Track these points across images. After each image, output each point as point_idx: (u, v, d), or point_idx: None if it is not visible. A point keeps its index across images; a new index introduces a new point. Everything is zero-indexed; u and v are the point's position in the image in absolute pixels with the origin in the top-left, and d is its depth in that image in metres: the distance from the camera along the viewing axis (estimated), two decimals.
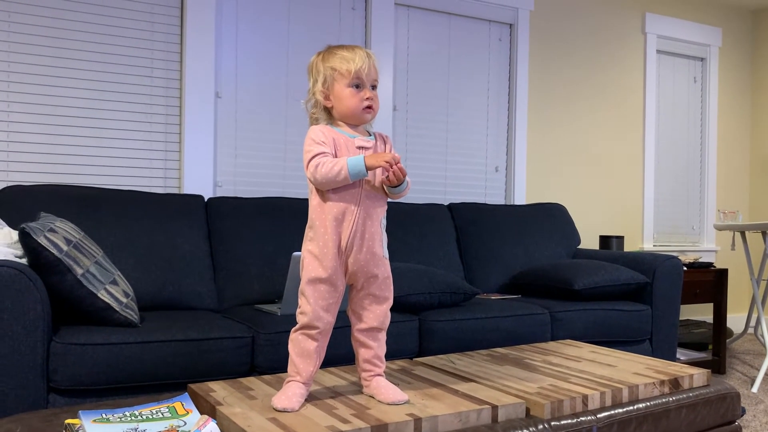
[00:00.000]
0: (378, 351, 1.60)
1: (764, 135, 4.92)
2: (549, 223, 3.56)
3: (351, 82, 1.55)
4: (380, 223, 1.58)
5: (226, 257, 2.72)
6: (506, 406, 1.52)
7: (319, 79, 1.58)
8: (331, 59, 1.57)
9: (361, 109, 1.56)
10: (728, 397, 1.86)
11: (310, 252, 1.54)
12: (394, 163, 1.47)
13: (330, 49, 1.60)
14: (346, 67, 1.54)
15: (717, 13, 4.80)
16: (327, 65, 1.57)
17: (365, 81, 1.56)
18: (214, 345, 2.08)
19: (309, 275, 1.53)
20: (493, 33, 3.90)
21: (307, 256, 1.54)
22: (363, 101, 1.55)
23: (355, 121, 1.59)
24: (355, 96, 1.55)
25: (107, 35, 2.91)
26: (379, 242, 1.56)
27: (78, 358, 1.89)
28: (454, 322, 2.52)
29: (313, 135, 1.55)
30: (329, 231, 1.52)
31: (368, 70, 1.56)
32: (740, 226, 3.63)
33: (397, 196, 1.59)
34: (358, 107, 1.56)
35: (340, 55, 1.56)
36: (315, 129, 1.57)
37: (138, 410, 1.40)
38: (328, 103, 1.59)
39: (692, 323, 4.17)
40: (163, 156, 3.03)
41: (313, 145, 1.53)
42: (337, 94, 1.57)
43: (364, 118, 1.58)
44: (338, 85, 1.56)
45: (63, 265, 1.95)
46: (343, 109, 1.57)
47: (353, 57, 1.55)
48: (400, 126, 3.60)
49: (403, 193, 1.59)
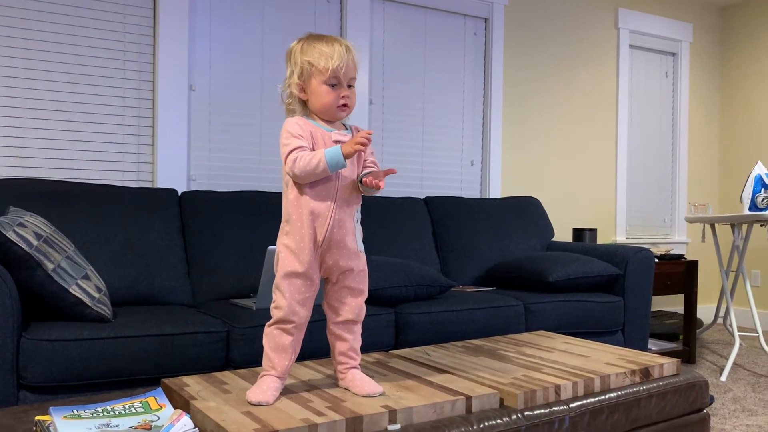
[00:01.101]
0: (353, 344, 1.60)
1: (733, 129, 5.01)
2: (523, 216, 3.59)
3: (328, 80, 1.52)
4: (354, 217, 1.57)
5: (200, 252, 2.70)
6: (480, 397, 1.54)
7: (295, 71, 1.55)
8: (309, 52, 1.53)
9: (336, 107, 1.54)
10: (697, 385, 1.90)
11: (286, 246, 1.53)
12: (368, 141, 1.45)
13: (310, 39, 1.56)
14: (324, 64, 1.51)
15: (688, 9, 4.87)
16: (305, 58, 1.53)
17: (342, 79, 1.53)
18: (189, 340, 2.07)
19: (285, 269, 1.52)
20: (469, 27, 3.91)
21: (283, 250, 1.53)
22: (339, 99, 1.53)
23: (329, 117, 1.57)
24: (331, 93, 1.53)
25: (78, 27, 2.87)
26: (353, 236, 1.56)
27: (49, 355, 1.87)
28: (429, 315, 2.53)
29: (290, 128, 1.53)
30: (305, 225, 1.51)
31: (346, 69, 1.52)
32: (710, 218, 3.69)
33: (371, 192, 1.59)
34: (333, 105, 1.53)
35: (318, 49, 1.52)
36: (291, 122, 1.54)
37: (110, 405, 1.39)
38: (303, 96, 1.56)
39: (663, 314, 4.25)
40: (135, 150, 3.00)
41: (290, 139, 1.51)
42: (312, 89, 1.54)
43: (338, 116, 1.56)
44: (314, 80, 1.53)
45: (33, 260, 1.92)
46: (317, 105, 1.55)
47: (332, 53, 1.51)
48: (376, 120, 3.60)
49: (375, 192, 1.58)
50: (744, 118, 4.94)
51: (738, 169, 4.96)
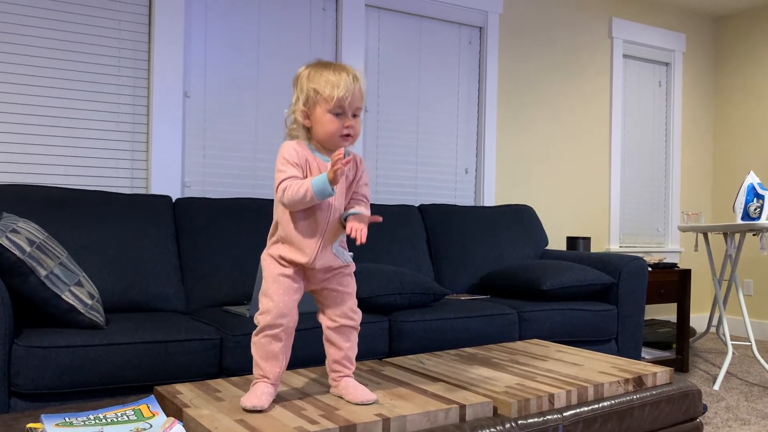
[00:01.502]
0: (348, 352, 1.60)
1: (726, 139, 5.04)
2: (517, 224, 3.60)
3: (333, 109, 1.51)
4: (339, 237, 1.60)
5: (193, 258, 2.70)
6: (474, 406, 1.54)
7: (301, 98, 1.54)
8: (316, 79, 1.52)
9: (339, 136, 1.53)
10: (690, 394, 1.90)
11: (271, 255, 1.55)
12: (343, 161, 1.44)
13: (317, 66, 1.55)
14: (329, 92, 1.50)
15: (681, 20, 4.91)
16: (311, 85, 1.52)
17: (347, 109, 1.52)
18: (182, 347, 2.06)
19: (272, 273, 1.53)
20: (463, 36, 3.93)
21: (268, 258, 1.55)
22: (342, 128, 1.52)
23: (331, 146, 1.55)
24: (335, 122, 1.52)
25: (73, 33, 2.86)
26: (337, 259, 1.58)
27: (41, 362, 1.85)
28: (423, 323, 2.53)
29: (287, 154, 1.52)
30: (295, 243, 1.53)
31: (352, 99, 1.51)
32: (703, 227, 3.71)
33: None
34: (336, 134, 1.52)
35: (325, 77, 1.51)
36: (289, 147, 1.53)
37: (102, 413, 1.38)
38: (307, 123, 1.55)
39: (657, 323, 4.25)
40: (130, 156, 2.99)
41: (285, 166, 1.51)
42: (317, 117, 1.53)
43: (340, 145, 1.55)
44: (319, 108, 1.52)
45: (26, 267, 1.91)
46: (321, 134, 1.54)
47: (338, 82, 1.50)
48: (371, 127, 3.61)
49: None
50: (736, 128, 4.97)
51: (731, 178, 4.99)
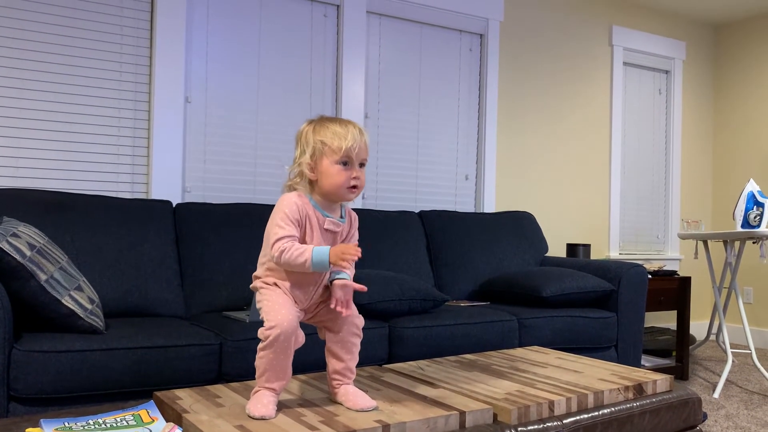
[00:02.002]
0: (349, 363, 1.59)
1: (726, 146, 5.05)
2: (517, 231, 3.60)
3: (340, 160, 1.51)
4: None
5: (193, 264, 2.70)
6: (474, 412, 1.54)
7: (307, 151, 1.54)
8: (322, 132, 1.53)
9: (346, 188, 1.53)
10: (690, 402, 1.90)
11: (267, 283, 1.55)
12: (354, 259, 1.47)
13: (322, 121, 1.56)
14: (337, 143, 1.50)
15: (681, 28, 4.93)
16: (317, 138, 1.53)
17: (354, 159, 1.53)
18: (181, 352, 2.06)
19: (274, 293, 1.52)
20: (464, 43, 3.94)
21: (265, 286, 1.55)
22: (350, 180, 1.52)
23: (336, 198, 1.55)
24: (342, 174, 1.52)
25: (75, 38, 2.87)
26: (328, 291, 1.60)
27: (40, 366, 1.85)
28: (423, 329, 2.53)
29: (287, 209, 1.51)
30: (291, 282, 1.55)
31: (359, 150, 1.52)
32: (703, 235, 3.71)
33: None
34: (344, 185, 1.52)
35: (332, 129, 1.52)
36: (290, 200, 1.52)
37: (102, 418, 1.38)
38: (312, 176, 1.54)
39: (656, 330, 4.25)
40: (130, 161, 3.00)
41: (285, 222, 1.50)
42: (323, 169, 1.52)
43: (346, 197, 1.55)
44: (326, 160, 1.52)
45: (26, 271, 1.91)
46: (327, 186, 1.53)
47: (345, 134, 1.51)
48: (372, 134, 3.61)
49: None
50: (736, 136, 4.98)
51: (731, 186, 4.99)
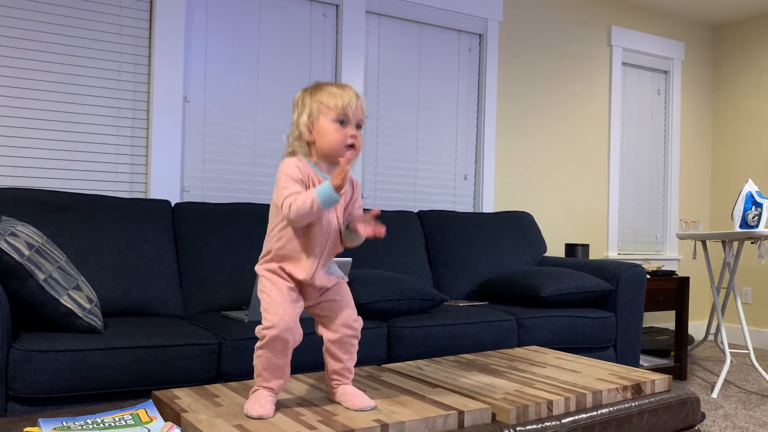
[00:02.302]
0: (348, 363, 1.59)
1: (725, 147, 5.05)
2: (516, 231, 3.60)
3: (337, 117, 1.51)
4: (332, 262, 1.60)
5: (192, 263, 2.70)
6: (472, 412, 1.53)
7: (304, 112, 1.54)
8: (319, 93, 1.54)
9: (343, 146, 1.52)
10: (689, 402, 1.90)
11: (270, 270, 1.53)
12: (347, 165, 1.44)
13: (318, 84, 1.57)
14: (333, 101, 1.51)
15: (680, 28, 4.93)
16: (314, 99, 1.54)
17: (351, 118, 1.53)
18: (180, 352, 2.06)
19: (274, 287, 1.50)
20: (463, 43, 3.94)
21: (268, 274, 1.53)
22: (347, 138, 1.52)
23: (335, 158, 1.53)
24: (340, 132, 1.52)
25: (74, 37, 2.87)
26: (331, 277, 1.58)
27: (39, 366, 1.85)
28: (422, 329, 2.53)
29: (289, 171, 1.51)
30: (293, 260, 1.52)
31: (355, 109, 1.53)
32: (701, 235, 3.71)
33: (350, 244, 1.60)
34: (341, 144, 1.52)
35: (328, 90, 1.54)
36: (290, 163, 1.52)
37: (100, 417, 1.37)
38: (311, 137, 1.54)
39: (655, 330, 4.25)
40: (129, 160, 2.99)
41: (288, 182, 1.50)
42: (321, 128, 1.52)
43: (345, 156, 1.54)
44: (323, 118, 1.52)
45: (24, 270, 1.91)
46: (325, 145, 1.53)
47: (342, 93, 1.52)
48: (371, 133, 3.61)
49: (357, 244, 1.59)
50: (735, 136, 4.98)
51: (729, 186, 5.00)
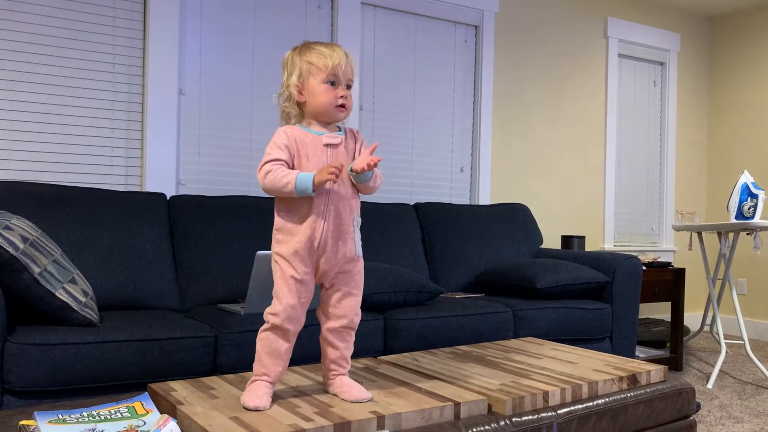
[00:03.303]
0: (344, 352, 1.59)
1: (720, 138, 5.06)
2: (512, 223, 3.60)
3: (327, 78, 1.52)
4: (353, 221, 1.55)
5: (188, 256, 2.69)
6: (468, 403, 1.54)
7: (294, 73, 1.55)
8: (308, 54, 1.54)
9: (334, 106, 1.53)
10: (684, 392, 1.91)
11: (279, 254, 1.51)
12: (339, 173, 1.43)
13: (307, 44, 1.57)
14: (323, 62, 1.52)
15: (676, 20, 4.92)
16: (304, 59, 1.54)
17: (341, 78, 1.53)
18: (176, 345, 2.05)
19: (282, 276, 1.50)
20: (459, 34, 3.93)
21: (278, 258, 1.52)
22: (337, 98, 1.53)
23: (326, 118, 1.55)
24: (330, 92, 1.53)
25: (68, 29, 2.85)
26: (352, 242, 1.54)
27: (34, 359, 1.85)
28: (418, 321, 2.53)
29: (276, 138, 1.53)
30: (300, 232, 1.50)
31: (345, 69, 1.54)
32: (697, 226, 3.72)
33: (367, 190, 1.56)
34: (332, 103, 1.53)
35: (318, 50, 1.54)
36: (280, 131, 1.54)
37: (96, 410, 1.37)
38: (301, 98, 1.55)
39: (651, 321, 4.27)
40: (124, 153, 2.98)
41: (272, 149, 1.52)
42: (311, 89, 1.53)
43: (336, 116, 1.55)
44: (313, 79, 1.53)
45: (19, 264, 1.90)
46: (315, 105, 1.54)
47: (331, 53, 1.53)
48: (367, 126, 3.60)
49: (371, 185, 1.55)
50: (731, 128, 4.99)
51: (725, 177, 5.00)
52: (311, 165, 1.51)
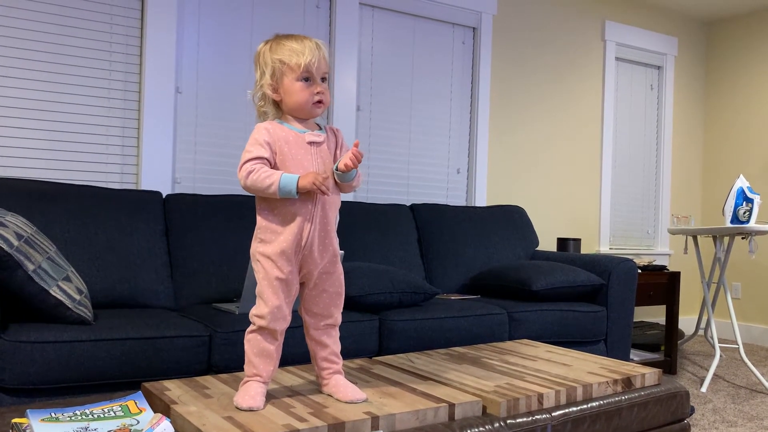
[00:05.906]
0: (334, 347, 1.59)
1: (716, 142, 5.07)
2: (508, 224, 3.60)
3: (300, 76, 1.50)
4: (335, 219, 1.56)
5: (183, 255, 2.68)
6: (463, 404, 1.54)
7: (267, 72, 1.52)
8: (279, 50, 1.51)
9: (311, 104, 1.52)
10: (678, 396, 1.91)
11: (263, 254, 1.50)
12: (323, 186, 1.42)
13: (278, 39, 1.54)
14: (295, 60, 1.49)
15: (673, 24, 4.93)
16: (275, 57, 1.51)
17: (315, 74, 1.51)
18: (170, 343, 2.05)
19: (265, 277, 1.49)
20: (457, 36, 3.93)
21: (261, 258, 1.50)
22: (313, 95, 1.51)
23: (304, 115, 1.54)
24: (306, 90, 1.50)
25: (65, 26, 2.84)
26: (336, 239, 1.55)
27: (27, 357, 1.84)
28: (414, 322, 2.53)
29: (257, 134, 1.49)
30: (286, 231, 1.48)
31: (318, 63, 1.50)
32: (692, 230, 3.73)
33: (349, 188, 1.56)
34: (309, 101, 1.51)
35: (288, 47, 1.50)
36: (260, 128, 1.51)
37: (89, 409, 1.37)
38: (276, 97, 1.53)
39: (646, 325, 4.27)
40: (120, 151, 2.97)
41: (253, 146, 1.48)
42: (286, 88, 1.51)
43: (314, 113, 1.54)
44: (287, 78, 1.51)
45: (13, 261, 1.89)
46: (292, 104, 1.52)
47: (303, 50, 1.49)
48: (364, 126, 3.60)
49: (354, 184, 1.55)
50: (727, 132, 5.00)
51: (721, 181, 5.02)
52: (296, 163, 1.49)
